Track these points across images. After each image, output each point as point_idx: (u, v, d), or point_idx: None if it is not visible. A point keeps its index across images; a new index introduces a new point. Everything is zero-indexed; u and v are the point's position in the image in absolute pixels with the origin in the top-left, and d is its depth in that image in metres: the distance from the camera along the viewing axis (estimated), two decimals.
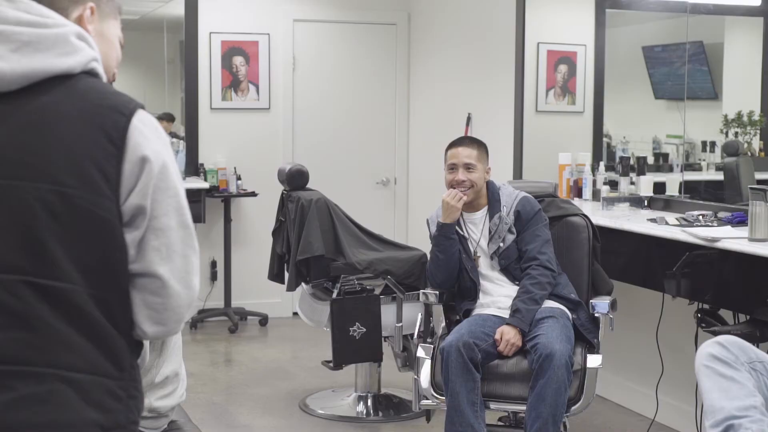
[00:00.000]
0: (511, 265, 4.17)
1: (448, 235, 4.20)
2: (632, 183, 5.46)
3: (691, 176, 5.70)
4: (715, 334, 3.28)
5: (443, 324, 4.34)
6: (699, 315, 4.23)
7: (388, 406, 5.36)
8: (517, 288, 4.12)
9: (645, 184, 5.30)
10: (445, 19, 7.38)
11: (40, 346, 1.68)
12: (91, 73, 1.78)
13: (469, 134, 6.93)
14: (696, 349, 3.02)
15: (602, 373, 3.94)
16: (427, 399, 4.02)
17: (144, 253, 1.75)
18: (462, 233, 4.26)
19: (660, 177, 5.57)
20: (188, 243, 1.79)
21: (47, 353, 1.69)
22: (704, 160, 5.99)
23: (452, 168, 4.34)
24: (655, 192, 5.32)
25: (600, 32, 6.22)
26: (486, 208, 4.30)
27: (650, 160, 6.14)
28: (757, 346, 3.29)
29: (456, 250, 4.20)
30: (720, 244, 4.07)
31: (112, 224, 1.71)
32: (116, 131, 1.71)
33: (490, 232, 4.23)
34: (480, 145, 4.39)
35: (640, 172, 5.51)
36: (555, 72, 6.34)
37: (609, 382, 5.21)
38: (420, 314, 4.37)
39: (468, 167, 4.28)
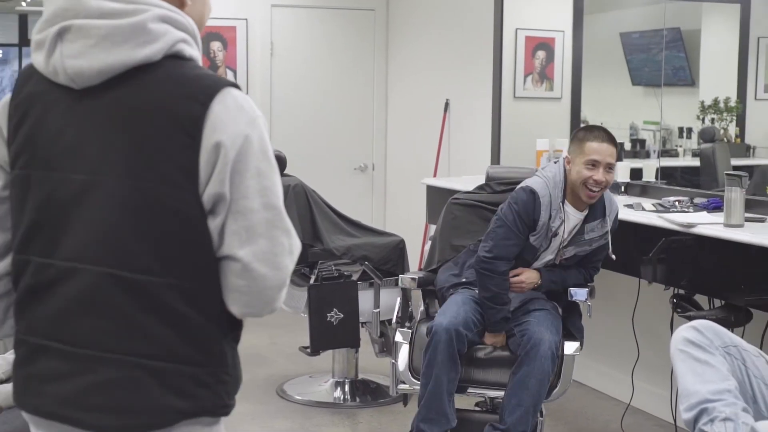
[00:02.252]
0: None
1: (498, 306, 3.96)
2: None
3: (668, 162, 5.73)
4: (691, 319, 3.30)
5: (421, 309, 4.34)
6: (674, 300, 4.25)
7: (365, 391, 5.36)
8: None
9: (622, 170, 5.32)
10: (423, 4, 7.37)
11: (120, 335, 1.74)
12: (177, 56, 1.76)
13: (446, 121, 6.94)
14: (671, 334, 3.03)
15: (579, 359, 3.96)
16: (405, 383, 4.03)
17: (224, 238, 1.75)
18: (552, 225, 3.94)
19: (637, 163, 5.59)
20: (275, 224, 1.76)
21: (126, 342, 1.74)
22: (681, 146, 6.02)
23: (593, 165, 3.89)
24: (632, 178, 5.34)
25: (578, 18, 6.22)
26: (586, 209, 4.01)
27: (627, 146, 6.16)
28: (732, 331, 3.31)
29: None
30: (696, 230, 4.09)
31: (190, 215, 1.73)
32: (191, 121, 1.71)
33: (578, 233, 3.99)
34: (616, 144, 4.01)
35: (618, 158, 5.51)
36: (533, 58, 6.35)
37: (585, 367, 5.24)
38: (398, 299, 4.37)
39: (609, 167, 3.91)
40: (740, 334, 3.85)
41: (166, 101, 1.72)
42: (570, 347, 3.94)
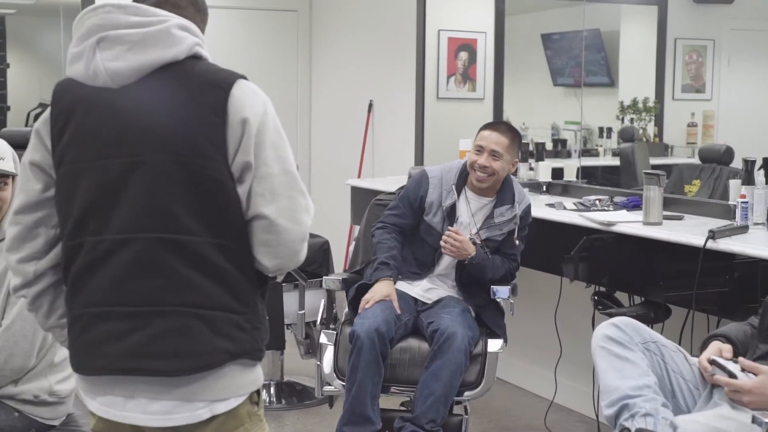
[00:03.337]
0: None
1: None
2: (531, 169, 5.53)
3: (589, 162, 5.81)
4: (611, 316, 3.34)
5: (346, 310, 4.33)
6: (596, 298, 4.30)
7: (291, 393, 5.34)
8: (454, 286, 4.15)
9: (543, 170, 5.37)
10: (346, 6, 7.37)
11: (173, 290, 2.01)
12: (195, 56, 2.07)
13: (370, 122, 6.95)
14: (593, 331, 3.07)
15: (502, 356, 3.99)
16: (330, 385, 4.01)
17: (251, 199, 2.04)
18: (444, 203, 4.12)
19: (558, 162, 5.66)
20: (292, 186, 2.07)
21: (179, 295, 2.01)
22: (601, 145, 6.11)
23: (479, 150, 4.11)
24: (553, 177, 5.39)
25: (499, 20, 6.27)
26: (495, 197, 4.17)
27: (549, 146, 6.23)
28: (651, 327, 3.36)
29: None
30: (616, 228, 4.15)
31: (223, 182, 2.01)
32: (219, 104, 2.01)
33: (489, 217, 4.12)
34: (514, 136, 4.16)
35: (539, 158, 5.58)
36: (456, 59, 6.39)
37: (509, 365, 5.28)
38: (323, 301, 4.36)
39: (494, 154, 4.08)
40: (659, 330, 3.92)
41: (195, 89, 2.02)
42: (493, 345, 3.96)
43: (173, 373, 2.02)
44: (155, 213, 2.01)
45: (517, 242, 4.14)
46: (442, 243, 4.04)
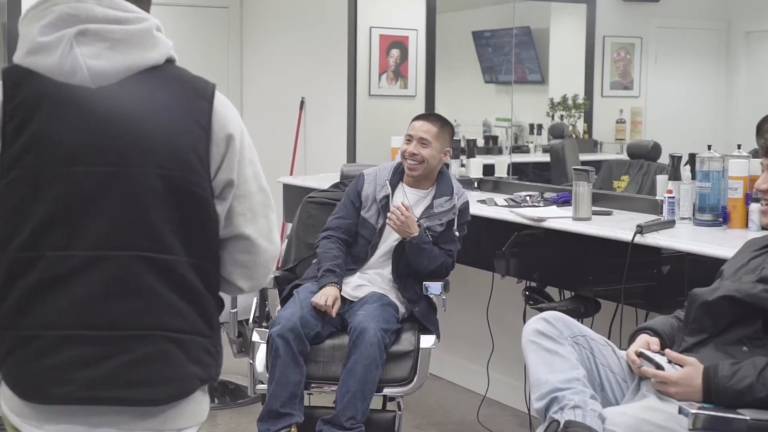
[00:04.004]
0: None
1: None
2: (462, 165, 5.56)
3: (519, 158, 5.85)
4: (542, 310, 3.37)
5: (279, 308, 4.32)
6: (527, 293, 4.34)
7: (223, 392, 5.31)
8: (390, 277, 4.15)
9: (475, 167, 5.40)
10: (277, 2, 7.34)
11: (152, 312, 1.89)
12: (170, 60, 1.98)
13: (302, 119, 6.94)
14: (524, 325, 3.10)
15: (435, 352, 4.00)
16: (263, 383, 3.99)
17: (231, 218, 1.98)
18: (377, 196, 4.19)
19: (489, 159, 5.69)
20: (267, 204, 2.04)
21: (157, 318, 1.89)
22: (532, 142, 6.16)
23: (408, 139, 4.22)
24: (484, 174, 5.43)
25: (431, 17, 6.29)
26: (433, 189, 4.23)
27: (480, 142, 6.26)
28: (582, 321, 3.41)
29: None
30: (546, 224, 4.19)
31: (205, 199, 1.93)
32: (204, 117, 1.93)
33: (428, 208, 4.16)
34: (443, 125, 4.27)
35: (470, 155, 5.61)
36: (387, 56, 6.39)
37: (442, 360, 5.30)
38: (255, 299, 4.34)
39: (423, 142, 4.17)
40: (589, 324, 3.97)
41: (179, 98, 1.93)
42: (426, 341, 3.97)
43: (148, 403, 1.91)
44: (136, 229, 1.88)
45: (457, 233, 4.17)
46: (388, 215, 4.08)
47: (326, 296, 3.94)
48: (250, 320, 4.31)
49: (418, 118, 4.32)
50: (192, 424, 1.99)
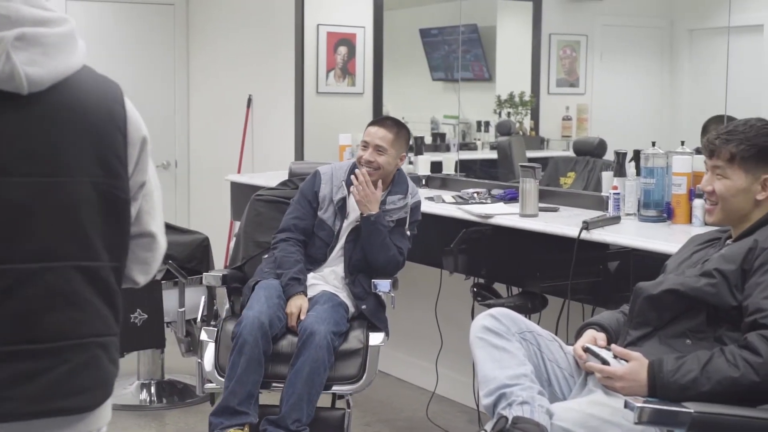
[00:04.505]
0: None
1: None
2: (410, 162, 5.57)
3: (467, 155, 5.88)
4: (490, 307, 3.39)
5: (227, 306, 4.30)
6: (475, 289, 4.36)
7: (172, 392, 5.28)
8: (343, 278, 4.15)
9: (423, 164, 5.42)
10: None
11: (86, 321, 1.89)
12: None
13: (249, 117, 6.91)
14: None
15: (384, 350, 4.01)
16: (211, 382, 3.98)
17: (140, 217, 2.00)
18: (335, 197, 4.19)
19: (437, 156, 5.71)
20: (161, 199, 2.07)
21: (89, 325, 1.90)
22: (479, 139, 6.19)
23: (364, 146, 4.21)
24: (432, 171, 5.45)
25: (378, 14, 6.30)
26: (389, 188, 4.22)
27: (428, 140, 6.28)
28: (529, 317, 3.43)
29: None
30: (493, 221, 4.21)
31: (127, 203, 1.95)
32: (121, 120, 1.93)
33: (381, 204, 4.14)
34: (400, 131, 4.25)
35: (418, 152, 5.63)
36: (335, 54, 6.39)
37: (391, 357, 5.31)
38: (203, 298, 4.32)
39: (378, 149, 4.16)
40: (537, 319, 3.99)
41: (101, 103, 1.91)
42: (375, 338, 3.98)
43: (86, 410, 1.91)
44: (74, 240, 1.86)
45: (408, 233, 4.19)
46: (353, 178, 4.09)
47: (298, 308, 3.95)
48: (198, 319, 4.29)
49: (374, 123, 4.30)
50: (105, 422, 2.02)
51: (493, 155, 5.95)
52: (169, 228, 5.30)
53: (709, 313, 2.78)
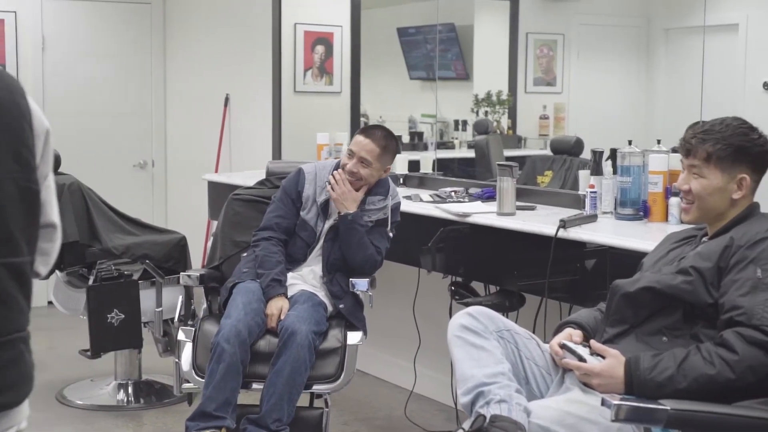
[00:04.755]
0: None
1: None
2: None
3: (445, 154, 5.89)
4: (468, 305, 3.40)
5: (204, 306, 4.29)
6: (453, 288, 4.37)
7: (149, 392, 5.26)
8: (320, 270, 4.15)
9: (400, 163, 5.42)
10: None
11: (11, 317, 1.91)
12: None
13: (227, 116, 6.90)
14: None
15: (362, 349, 4.01)
16: (189, 382, 3.97)
17: (44, 208, 2.00)
18: (318, 198, 4.19)
19: (415, 155, 5.72)
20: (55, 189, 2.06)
21: (15, 322, 1.91)
22: (457, 138, 6.20)
23: (350, 154, 4.16)
24: (410, 170, 5.45)
25: (355, 13, 6.29)
26: (370, 188, 4.20)
27: (406, 138, 6.29)
28: (507, 315, 3.44)
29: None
30: (471, 219, 4.22)
31: (39, 194, 1.96)
32: (27, 113, 1.94)
33: (360, 204, 4.14)
34: (388, 143, 4.19)
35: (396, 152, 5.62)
36: (312, 52, 6.38)
37: (369, 356, 5.31)
38: (180, 297, 4.31)
39: (363, 162, 4.12)
40: (514, 318, 4.01)
41: (11, 97, 1.92)
42: (353, 337, 3.98)
43: (13, 405, 1.92)
44: (3, 238, 1.88)
45: (390, 234, 4.19)
46: (330, 177, 4.11)
47: (279, 310, 3.94)
48: (176, 319, 4.28)
49: (364, 133, 4.23)
50: (27, 414, 2.00)
51: (471, 154, 5.96)
52: (147, 227, 5.38)
53: (686, 311, 2.80)
